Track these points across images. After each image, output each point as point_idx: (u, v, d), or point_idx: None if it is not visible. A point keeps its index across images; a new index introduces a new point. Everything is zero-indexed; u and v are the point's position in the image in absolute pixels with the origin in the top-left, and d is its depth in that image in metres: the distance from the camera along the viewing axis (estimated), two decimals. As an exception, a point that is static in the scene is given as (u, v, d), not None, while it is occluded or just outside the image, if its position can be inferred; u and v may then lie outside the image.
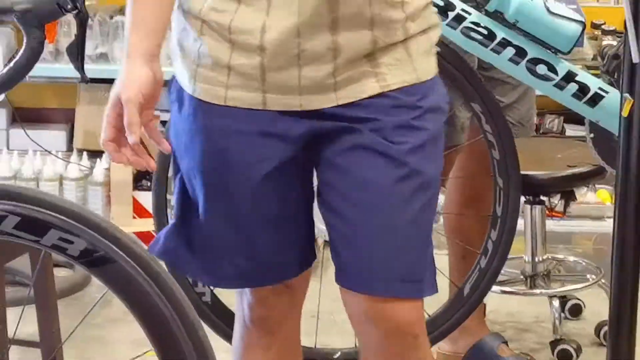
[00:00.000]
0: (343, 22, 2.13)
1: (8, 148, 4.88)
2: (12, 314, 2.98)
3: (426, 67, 2.18)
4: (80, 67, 2.58)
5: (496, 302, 4.36)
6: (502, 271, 4.02)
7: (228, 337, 3.12)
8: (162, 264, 2.36)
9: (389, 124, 2.17)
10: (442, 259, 3.77)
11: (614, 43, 3.73)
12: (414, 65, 2.16)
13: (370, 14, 2.11)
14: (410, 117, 2.16)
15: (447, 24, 3.42)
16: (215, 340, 2.72)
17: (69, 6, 2.45)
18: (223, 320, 3.37)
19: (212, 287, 3.59)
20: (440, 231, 4.31)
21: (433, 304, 3.55)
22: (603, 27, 4.26)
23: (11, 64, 2.44)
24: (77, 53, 2.53)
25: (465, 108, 3.73)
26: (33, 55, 2.56)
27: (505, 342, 3.87)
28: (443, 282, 3.62)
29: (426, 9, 2.20)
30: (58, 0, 2.46)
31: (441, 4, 3.43)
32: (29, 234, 2.09)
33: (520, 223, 4.14)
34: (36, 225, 2.08)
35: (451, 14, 3.45)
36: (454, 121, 3.66)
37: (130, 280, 2.07)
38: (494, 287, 4.07)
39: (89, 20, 2.83)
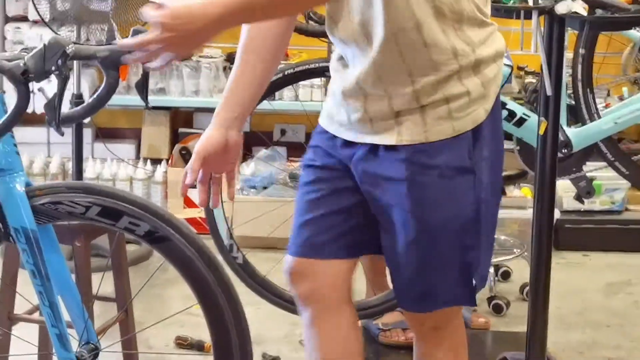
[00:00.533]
0: (370, 95, 2.05)
1: (92, 157, 4.93)
2: (95, 278, 2.96)
3: (439, 130, 2.04)
4: (144, 98, 2.52)
5: None
6: None
7: (255, 290, 3.24)
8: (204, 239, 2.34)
9: None
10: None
11: (534, 81, 3.80)
12: (425, 128, 2.04)
13: (385, 90, 2.04)
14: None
15: None
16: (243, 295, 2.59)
17: None
18: (251, 278, 3.29)
19: (244, 253, 3.49)
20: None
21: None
22: (526, 69, 4.31)
23: (94, 96, 2.50)
24: (142, 87, 2.40)
25: None
26: (110, 90, 2.55)
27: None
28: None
29: (441, 84, 2.01)
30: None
31: None
32: (108, 220, 2.22)
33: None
34: (113, 213, 2.20)
35: None
36: None
37: (181, 253, 2.19)
38: None
39: (151, 62, 2.79)
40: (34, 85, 2.38)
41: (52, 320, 2.30)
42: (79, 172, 3.94)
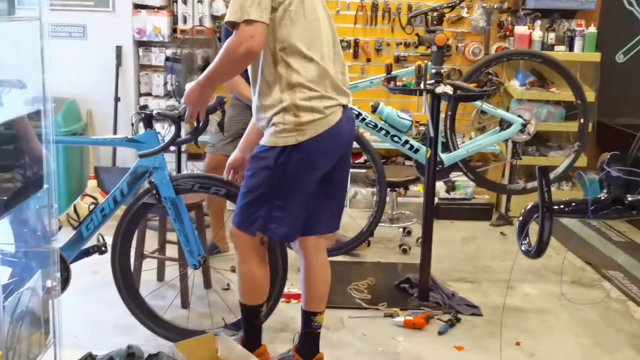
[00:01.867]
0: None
1: (186, 170, 4.44)
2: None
3: (266, 139, 2.13)
4: (195, 140, 2.45)
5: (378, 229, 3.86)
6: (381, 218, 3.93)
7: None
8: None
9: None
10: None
11: (423, 128, 3.74)
12: (265, 137, 2.14)
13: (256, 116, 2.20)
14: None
15: (360, 121, 3.44)
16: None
17: (219, 109, 2.57)
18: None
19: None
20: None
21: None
22: (420, 123, 4.24)
23: (186, 136, 2.60)
24: (195, 134, 2.44)
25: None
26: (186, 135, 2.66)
27: None
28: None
29: (272, 121, 2.10)
30: (208, 108, 2.40)
31: (359, 111, 3.42)
32: (204, 189, 2.60)
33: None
34: (206, 186, 2.59)
35: (363, 120, 3.44)
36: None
37: None
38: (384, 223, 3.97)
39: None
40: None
41: (186, 242, 2.55)
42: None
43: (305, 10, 2.07)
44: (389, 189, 3.97)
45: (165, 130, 2.47)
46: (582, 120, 3.59)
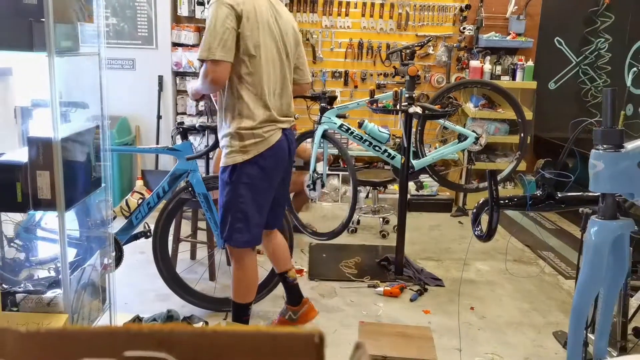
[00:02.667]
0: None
1: (213, 172, 4.00)
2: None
3: (223, 161, 2.02)
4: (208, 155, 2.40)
5: (362, 219, 4.03)
6: (366, 211, 3.94)
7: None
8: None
9: None
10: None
11: (399, 140, 3.53)
12: (222, 160, 2.03)
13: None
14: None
15: (349, 134, 3.41)
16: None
17: None
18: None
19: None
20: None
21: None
22: (396, 135, 3.98)
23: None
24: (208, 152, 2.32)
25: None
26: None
27: None
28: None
29: (224, 145, 2.01)
30: None
31: (348, 126, 3.37)
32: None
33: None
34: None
35: (351, 133, 3.40)
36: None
37: None
38: (367, 214, 4.01)
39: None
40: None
41: (215, 228, 2.46)
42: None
43: (262, 55, 1.96)
44: (371, 187, 3.98)
45: (196, 142, 2.46)
46: (522, 134, 3.57)
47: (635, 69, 4.41)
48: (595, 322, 1.64)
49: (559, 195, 1.63)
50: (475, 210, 1.73)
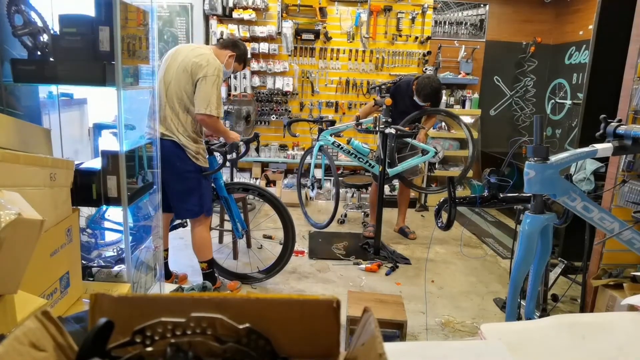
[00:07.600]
0: None
1: (237, 179, 3.98)
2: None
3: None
4: (236, 165, 2.25)
5: (349, 213, 3.85)
6: (351, 206, 3.75)
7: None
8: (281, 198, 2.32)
9: None
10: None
11: (375, 153, 3.38)
12: None
13: None
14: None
15: (340, 149, 3.30)
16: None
17: (254, 140, 2.29)
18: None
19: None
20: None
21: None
22: (374, 150, 3.79)
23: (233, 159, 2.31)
24: (235, 159, 2.23)
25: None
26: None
27: None
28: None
29: (198, 153, 2.03)
30: (249, 139, 2.29)
31: (339, 143, 3.25)
32: (245, 192, 2.42)
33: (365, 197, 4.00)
34: (246, 189, 2.42)
35: (341, 148, 3.31)
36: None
37: (271, 200, 2.34)
38: (353, 209, 3.88)
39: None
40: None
41: (235, 224, 2.43)
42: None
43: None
44: (355, 189, 3.87)
45: (219, 158, 2.38)
46: (470, 149, 3.51)
47: (553, 100, 4.54)
48: (525, 290, 1.65)
49: (501, 195, 1.63)
50: (437, 207, 1.72)
